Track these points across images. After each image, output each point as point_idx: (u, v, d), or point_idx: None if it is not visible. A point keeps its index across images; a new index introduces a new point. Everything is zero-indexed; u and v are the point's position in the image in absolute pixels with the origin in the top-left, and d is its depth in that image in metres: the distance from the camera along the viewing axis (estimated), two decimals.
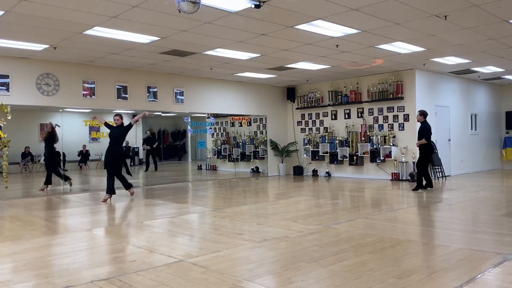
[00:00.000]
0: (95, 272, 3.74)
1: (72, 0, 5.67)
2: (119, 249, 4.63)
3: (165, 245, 4.71)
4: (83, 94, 9.83)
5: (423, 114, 9.41)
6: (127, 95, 10.48)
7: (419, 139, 9.32)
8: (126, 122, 8.75)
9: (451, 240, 4.83)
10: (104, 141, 19.74)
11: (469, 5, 6.12)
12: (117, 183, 8.39)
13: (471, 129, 13.91)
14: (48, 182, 10.02)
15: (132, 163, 19.00)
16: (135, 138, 19.86)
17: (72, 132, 13.26)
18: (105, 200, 8.16)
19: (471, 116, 13.91)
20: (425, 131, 9.17)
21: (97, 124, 15.70)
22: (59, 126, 10.29)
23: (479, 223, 5.99)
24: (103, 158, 19.23)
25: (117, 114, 8.50)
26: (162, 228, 5.72)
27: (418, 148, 9.40)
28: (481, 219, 6.26)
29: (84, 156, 15.54)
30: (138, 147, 20.19)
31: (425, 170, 9.29)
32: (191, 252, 4.37)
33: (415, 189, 9.17)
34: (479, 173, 13.34)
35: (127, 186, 8.57)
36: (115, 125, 8.49)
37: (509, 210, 6.77)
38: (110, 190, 8.21)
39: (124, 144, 17.10)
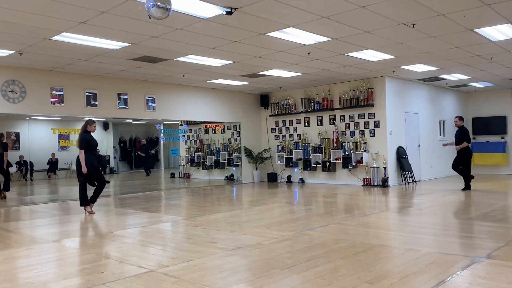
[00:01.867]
0: (62, 285, 3.61)
1: (38, 5, 5.52)
2: (88, 260, 4.48)
3: (135, 255, 4.60)
4: (51, 101, 9.58)
5: (462, 119, 10.11)
6: (96, 103, 10.26)
7: (459, 143, 9.86)
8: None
9: (422, 244, 4.90)
10: (74, 150, 19.31)
11: (435, 14, 6.29)
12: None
13: (440, 135, 14.26)
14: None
15: (103, 172, 18.60)
16: (106, 146, 19.47)
17: (40, 140, 12.87)
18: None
19: (440, 122, 14.28)
20: (468, 135, 9.88)
21: (66, 132, 15.32)
22: None
23: (448, 227, 6.11)
24: (74, 167, 18.80)
25: (93, 121, 7.92)
26: (133, 238, 5.59)
27: (458, 152, 9.92)
28: (450, 223, 6.39)
29: (53, 165, 15.11)
30: (109, 155, 19.79)
31: (469, 172, 9.90)
32: (162, 262, 4.28)
33: (467, 189, 9.85)
34: (448, 178, 13.67)
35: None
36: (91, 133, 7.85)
37: (477, 213, 6.95)
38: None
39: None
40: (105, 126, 19.84)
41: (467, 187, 9.92)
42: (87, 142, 7.60)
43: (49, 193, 11.96)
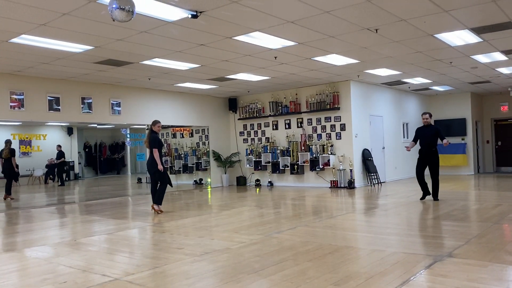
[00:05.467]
0: None
1: None
2: (49, 270, 4.33)
3: (100, 264, 4.48)
4: (11, 106, 9.23)
5: (431, 115, 8.84)
6: (59, 107, 9.96)
7: (431, 141, 8.44)
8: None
9: (386, 244, 5.00)
10: (36, 156, 18.68)
11: (397, 19, 6.47)
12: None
13: (404, 137, 14.64)
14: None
15: (67, 178, 18.09)
16: (70, 151, 18.92)
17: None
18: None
19: (403, 124, 14.67)
20: (441, 132, 8.52)
21: (27, 138, 14.91)
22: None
23: (412, 227, 6.27)
24: (36, 173, 18.06)
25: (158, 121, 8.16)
26: (97, 246, 5.45)
27: (428, 155, 8.51)
28: (414, 223, 6.56)
29: None
30: (73, 161, 19.24)
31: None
32: (128, 270, 4.18)
33: (435, 198, 8.52)
34: (412, 178, 14.00)
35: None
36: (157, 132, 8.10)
37: (439, 213, 7.16)
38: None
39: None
40: (69, 131, 19.30)
41: (436, 195, 8.57)
42: (158, 142, 7.93)
43: (10, 200, 11.50)
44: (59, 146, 16.23)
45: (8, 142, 11.50)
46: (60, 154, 15.92)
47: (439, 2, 5.81)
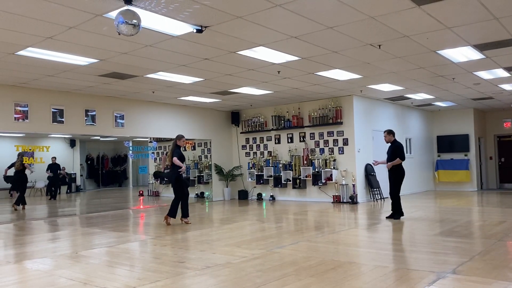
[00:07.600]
0: None
1: (2, 19, 5.38)
2: (50, 282, 4.31)
3: (101, 277, 4.45)
4: (15, 118, 9.28)
5: (391, 132, 8.57)
6: (63, 119, 10.01)
7: (390, 160, 8.37)
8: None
9: (389, 260, 4.96)
10: (38, 167, 18.69)
11: (400, 35, 6.51)
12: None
13: (406, 153, 14.50)
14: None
15: (68, 190, 18.10)
16: (72, 163, 18.96)
17: (2, 157, 12.43)
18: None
19: (406, 140, 14.64)
20: (399, 150, 8.31)
21: (30, 149, 14.91)
22: None
23: (415, 243, 6.22)
24: (38, 185, 18.07)
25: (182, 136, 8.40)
26: (99, 259, 5.43)
27: (388, 171, 8.49)
28: (417, 239, 6.51)
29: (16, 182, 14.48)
30: (75, 173, 19.27)
31: (397, 194, 8.28)
32: (129, 283, 4.16)
33: (395, 217, 8.22)
34: (414, 194, 13.98)
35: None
36: (181, 147, 8.39)
37: (442, 229, 7.11)
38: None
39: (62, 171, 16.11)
40: (72, 143, 19.33)
41: (395, 214, 8.23)
42: (178, 155, 8.10)
43: (11, 212, 11.49)
44: (53, 158, 15.89)
45: (20, 155, 11.88)
46: (56, 166, 15.68)
47: (442, 19, 5.86)
